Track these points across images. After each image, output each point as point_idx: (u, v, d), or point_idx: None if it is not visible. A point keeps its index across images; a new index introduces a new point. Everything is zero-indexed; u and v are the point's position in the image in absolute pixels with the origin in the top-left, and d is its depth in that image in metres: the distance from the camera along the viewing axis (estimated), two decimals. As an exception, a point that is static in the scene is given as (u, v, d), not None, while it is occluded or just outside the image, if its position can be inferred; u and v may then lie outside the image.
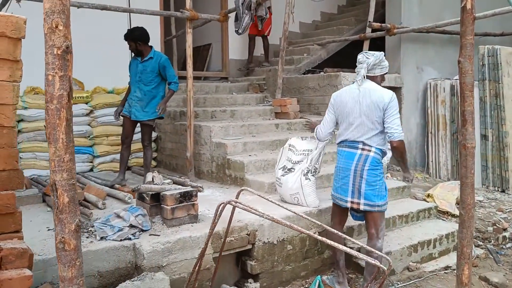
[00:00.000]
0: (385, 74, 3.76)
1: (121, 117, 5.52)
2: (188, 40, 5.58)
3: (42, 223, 3.97)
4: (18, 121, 6.06)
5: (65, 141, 1.46)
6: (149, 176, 3.87)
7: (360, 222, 4.68)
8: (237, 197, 2.72)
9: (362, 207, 3.65)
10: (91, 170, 6.61)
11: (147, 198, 3.76)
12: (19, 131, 6.07)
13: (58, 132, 1.44)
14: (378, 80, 3.71)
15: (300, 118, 6.70)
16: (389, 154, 3.90)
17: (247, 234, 3.88)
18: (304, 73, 7.87)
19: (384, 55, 3.77)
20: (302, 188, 4.33)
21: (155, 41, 7.76)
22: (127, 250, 3.40)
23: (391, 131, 3.51)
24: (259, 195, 2.49)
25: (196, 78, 8.43)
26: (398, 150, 3.58)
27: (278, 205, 2.63)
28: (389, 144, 3.70)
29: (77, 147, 6.44)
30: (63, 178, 1.46)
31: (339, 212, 3.93)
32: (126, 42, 5.34)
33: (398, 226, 4.94)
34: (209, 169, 5.83)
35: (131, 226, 3.57)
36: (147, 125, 5.41)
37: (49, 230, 3.75)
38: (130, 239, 3.45)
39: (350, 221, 4.70)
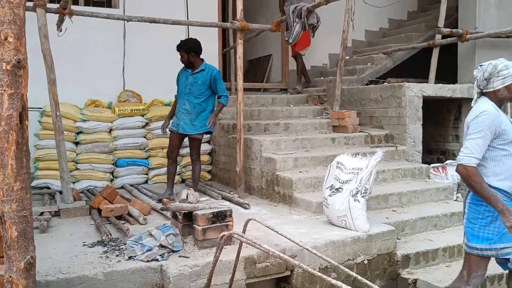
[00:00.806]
0: None
1: (169, 132, 5.45)
2: (238, 51, 5.41)
3: (81, 237, 3.95)
4: (77, 133, 6.23)
5: (15, 167, 1.29)
6: (183, 194, 3.71)
7: (420, 250, 4.19)
8: (244, 229, 2.44)
9: (464, 246, 3.08)
10: (146, 182, 6.64)
11: (180, 217, 3.59)
12: (77, 143, 6.25)
13: (6, 157, 1.27)
14: (503, 94, 2.88)
15: (360, 132, 6.26)
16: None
17: (285, 260, 3.56)
18: (367, 84, 7.41)
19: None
20: (350, 210, 3.94)
21: (213, 53, 7.73)
22: (154, 272, 3.24)
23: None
24: (268, 227, 2.19)
25: (255, 90, 8.31)
26: (461, 176, 2.88)
27: (286, 237, 2.26)
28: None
29: (133, 159, 6.50)
30: (12, 210, 1.29)
31: None
32: (178, 52, 5.29)
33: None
34: (259, 185, 5.59)
35: (161, 246, 3.42)
36: (195, 139, 5.29)
37: (84, 245, 3.70)
38: (157, 260, 3.28)
39: (408, 249, 4.23)
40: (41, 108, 5.99)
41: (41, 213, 4.61)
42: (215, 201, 5.36)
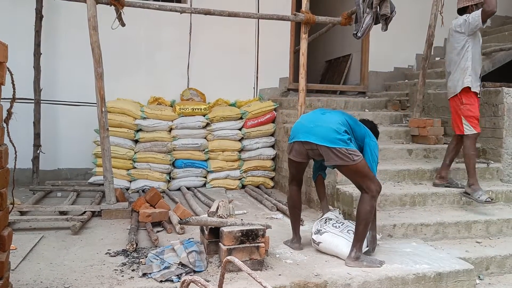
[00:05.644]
0: None
1: None
2: (302, 46, 4.85)
3: (109, 243, 3.65)
4: (137, 131, 6.06)
5: None
6: (214, 205, 3.23)
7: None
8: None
9: None
10: (204, 185, 6.30)
11: (206, 232, 3.12)
12: (137, 141, 6.08)
13: None
14: None
15: (444, 144, 5.36)
16: None
17: (325, 295, 2.95)
18: (458, 89, 6.39)
19: None
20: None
21: (285, 51, 7.25)
22: (165, 295, 2.80)
23: None
24: (250, 274, 1.60)
25: (331, 92, 7.65)
26: None
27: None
28: None
29: (191, 161, 6.20)
30: None
31: None
32: None
33: None
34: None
35: (182, 264, 2.97)
36: None
37: (106, 253, 3.37)
38: (172, 281, 2.84)
39: None
40: (102, 103, 5.90)
41: (83, 212, 4.43)
42: (267, 213, 4.85)
